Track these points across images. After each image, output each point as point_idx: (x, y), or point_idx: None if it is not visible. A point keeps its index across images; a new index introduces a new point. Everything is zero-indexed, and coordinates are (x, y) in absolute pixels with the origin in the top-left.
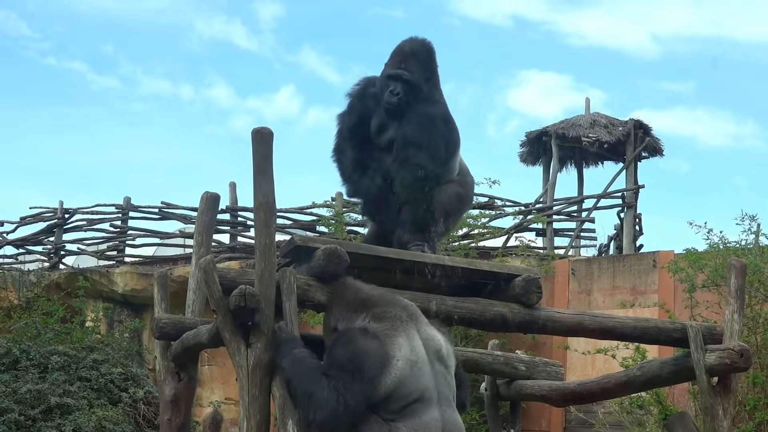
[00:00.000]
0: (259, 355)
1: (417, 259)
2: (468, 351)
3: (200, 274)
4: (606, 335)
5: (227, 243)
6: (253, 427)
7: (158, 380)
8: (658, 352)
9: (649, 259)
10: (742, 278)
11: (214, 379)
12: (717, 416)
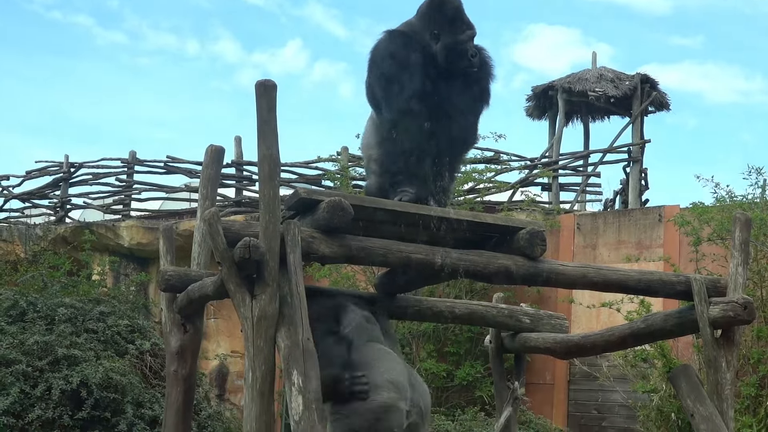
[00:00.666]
0: (264, 306)
1: (422, 212)
2: (473, 304)
3: (205, 227)
4: (610, 288)
5: (232, 197)
6: (258, 378)
7: (164, 332)
8: (662, 305)
9: (655, 213)
10: (746, 231)
11: (220, 333)
12: (720, 368)
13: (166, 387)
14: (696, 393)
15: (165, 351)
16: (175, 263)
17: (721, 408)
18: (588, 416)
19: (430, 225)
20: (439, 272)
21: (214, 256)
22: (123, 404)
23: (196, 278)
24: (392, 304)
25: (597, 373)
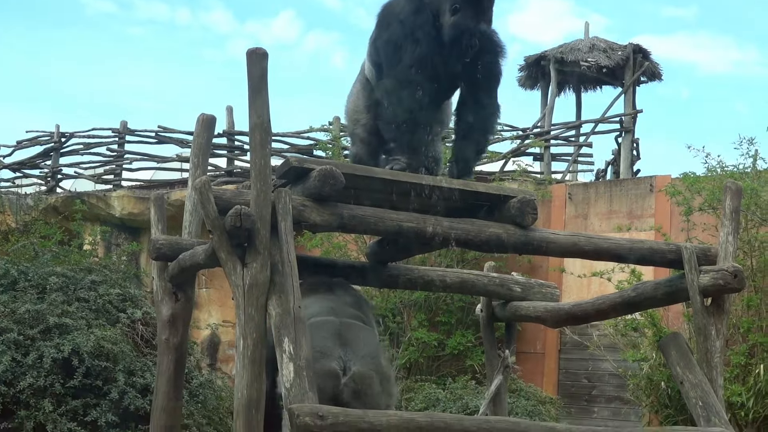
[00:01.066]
0: (255, 274)
1: (413, 180)
2: (464, 273)
3: (196, 195)
4: (601, 256)
5: (224, 167)
6: (250, 346)
7: (155, 301)
8: (653, 275)
9: (646, 183)
10: (737, 200)
11: (212, 302)
12: (710, 336)
13: (158, 355)
14: (686, 361)
15: (156, 319)
16: (167, 233)
17: (711, 376)
18: (578, 385)
19: (422, 193)
20: (431, 240)
21: (205, 224)
22: (114, 372)
23: (187, 247)
24: (384, 273)
25: (587, 342)
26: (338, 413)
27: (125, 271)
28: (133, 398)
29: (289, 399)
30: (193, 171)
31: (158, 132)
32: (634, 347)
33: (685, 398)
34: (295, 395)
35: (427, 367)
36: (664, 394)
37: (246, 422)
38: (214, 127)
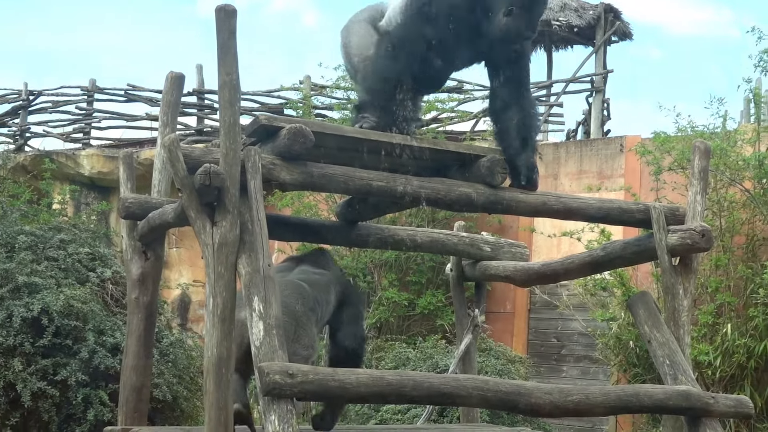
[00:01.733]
0: (225, 233)
1: (383, 139)
2: (434, 232)
3: (165, 153)
4: (570, 216)
5: (194, 126)
6: (219, 305)
7: (125, 260)
8: (623, 235)
9: (617, 143)
10: (705, 160)
11: (182, 262)
12: (678, 295)
13: (128, 314)
14: (653, 319)
15: (126, 279)
16: (136, 191)
17: (678, 334)
18: (548, 344)
19: (393, 152)
20: (401, 200)
21: (174, 183)
22: (84, 332)
23: (157, 205)
24: (354, 233)
25: (557, 301)
26: (308, 371)
27: (95, 231)
28: (103, 357)
29: (259, 357)
30: (162, 129)
31: (127, 90)
32: (603, 307)
33: (653, 357)
34: (264, 353)
35: (397, 327)
36: (633, 354)
37: (216, 380)
38: (183, 85)
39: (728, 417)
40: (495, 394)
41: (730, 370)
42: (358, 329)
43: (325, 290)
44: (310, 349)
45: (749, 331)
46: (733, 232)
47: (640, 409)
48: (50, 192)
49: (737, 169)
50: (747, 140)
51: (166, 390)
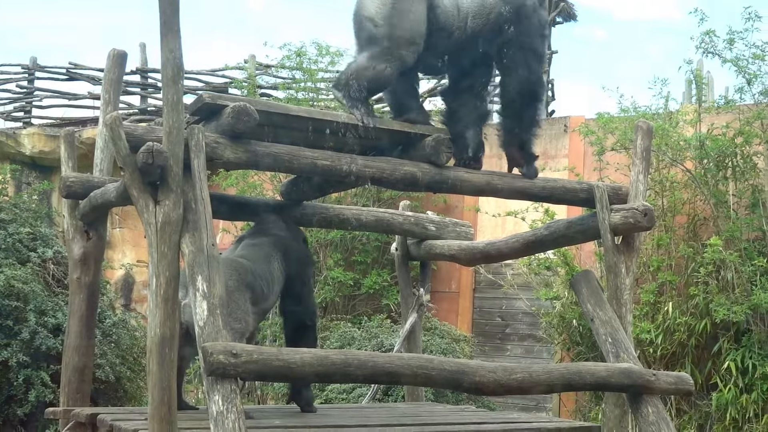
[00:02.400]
0: (168, 212)
1: (329, 118)
2: (379, 212)
3: (107, 131)
4: (514, 195)
5: (137, 105)
6: (163, 284)
7: (67, 239)
8: (567, 214)
9: (561, 123)
10: (648, 140)
11: (126, 242)
12: (620, 274)
13: (70, 294)
14: (596, 298)
15: (68, 258)
16: (78, 171)
17: (620, 312)
18: (492, 323)
19: (338, 131)
20: (346, 178)
21: (117, 162)
22: (25, 312)
23: (99, 184)
24: (298, 212)
25: (501, 281)
26: (252, 351)
27: (36, 210)
28: (44, 338)
29: (203, 337)
30: (105, 107)
31: (69, 68)
32: (547, 286)
33: (596, 335)
34: (208, 333)
35: (342, 307)
36: (576, 332)
37: (159, 360)
38: (125, 63)
39: (669, 394)
40: (439, 373)
41: (671, 348)
42: (303, 299)
43: (266, 261)
44: (243, 322)
45: (690, 310)
46: (674, 212)
47: (582, 386)
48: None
49: (679, 149)
50: (688, 121)
51: (108, 370)
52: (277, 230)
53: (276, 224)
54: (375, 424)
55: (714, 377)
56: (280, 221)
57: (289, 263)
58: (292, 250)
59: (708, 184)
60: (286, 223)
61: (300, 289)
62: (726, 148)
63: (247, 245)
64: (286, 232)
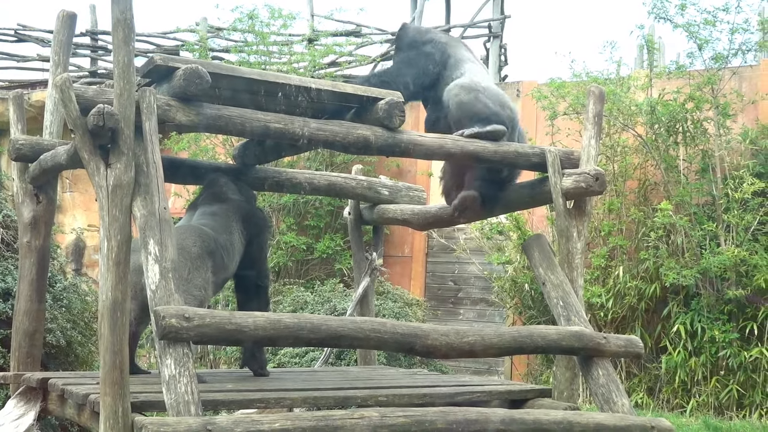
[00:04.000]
0: (119, 175)
1: (281, 81)
2: (332, 176)
3: (57, 93)
4: (467, 158)
5: (87, 68)
6: (114, 248)
7: (16, 203)
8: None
9: (513, 88)
10: (600, 104)
11: (76, 206)
12: (571, 238)
13: (19, 258)
14: (548, 262)
15: (17, 222)
16: (28, 134)
17: (572, 276)
18: (445, 287)
19: (290, 95)
20: (298, 142)
21: (67, 124)
22: None
23: (49, 147)
24: (250, 175)
25: (454, 245)
26: (204, 314)
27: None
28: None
29: (155, 301)
30: (54, 69)
31: (17, 30)
32: (499, 250)
33: (547, 298)
34: (160, 297)
35: (295, 271)
36: (528, 296)
37: (111, 324)
38: (75, 24)
39: (619, 357)
40: (392, 336)
41: (622, 312)
42: (258, 264)
43: (227, 231)
44: (203, 290)
45: (640, 274)
46: (625, 177)
47: (534, 349)
48: None
49: (630, 114)
50: (640, 86)
51: (59, 335)
52: (232, 194)
53: (229, 187)
54: (328, 387)
55: (663, 340)
56: (232, 184)
57: (248, 230)
58: (251, 216)
59: (659, 149)
60: (237, 186)
61: (257, 254)
62: (677, 114)
63: (205, 213)
64: (241, 197)
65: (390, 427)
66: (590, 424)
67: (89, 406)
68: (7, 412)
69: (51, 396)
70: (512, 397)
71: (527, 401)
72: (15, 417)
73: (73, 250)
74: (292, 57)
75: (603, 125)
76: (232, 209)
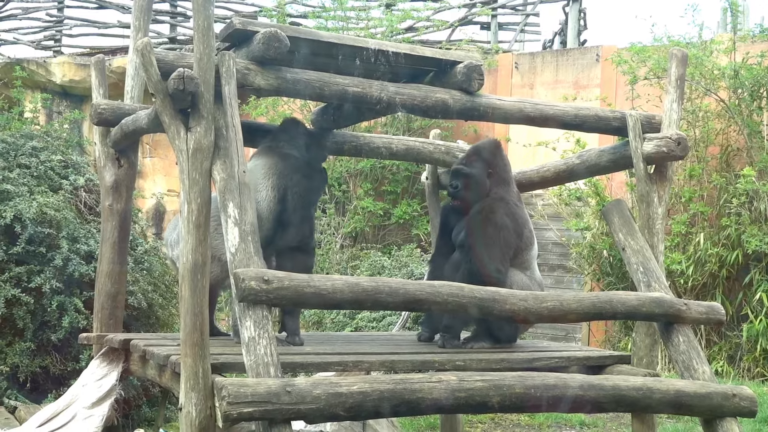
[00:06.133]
0: (199, 138)
1: (358, 44)
2: (410, 140)
3: (138, 58)
4: (546, 123)
5: (167, 34)
6: (194, 210)
7: (98, 167)
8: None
9: (593, 53)
10: (682, 67)
11: (156, 171)
12: (652, 203)
13: (101, 222)
14: (628, 227)
15: (100, 186)
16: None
17: (652, 242)
18: None
19: (368, 58)
20: (376, 106)
21: (147, 89)
22: (58, 239)
23: (130, 112)
24: (329, 140)
25: (532, 211)
26: (283, 277)
27: (68, 139)
28: (77, 265)
29: (234, 264)
30: (135, 34)
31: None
32: (578, 216)
33: (627, 264)
34: (240, 260)
35: (372, 236)
36: (606, 263)
37: (191, 286)
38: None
39: (700, 323)
40: (470, 301)
41: (702, 279)
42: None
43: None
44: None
45: (722, 241)
46: (707, 142)
47: (613, 315)
48: (22, 100)
49: (713, 78)
50: (723, 50)
51: (141, 297)
52: (287, 149)
53: (287, 142)
54: (405, 351)
55: (745, 308)
56: (298, 140)
57: (283, 183)
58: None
59: (742, 114)
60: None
61: (291, 209)
62: (761, 78)
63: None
64: (297, 153)
65: (468, 391)
66: (670, 391)
67: (170, 367)
68: (90, 372)
69: (133, 357)
70: (590, 363)
71: (606, 367)
72: (98, 377)
73: (154, 214)
74: (370, 22)
75: (685, 90)
76: (270, 164)
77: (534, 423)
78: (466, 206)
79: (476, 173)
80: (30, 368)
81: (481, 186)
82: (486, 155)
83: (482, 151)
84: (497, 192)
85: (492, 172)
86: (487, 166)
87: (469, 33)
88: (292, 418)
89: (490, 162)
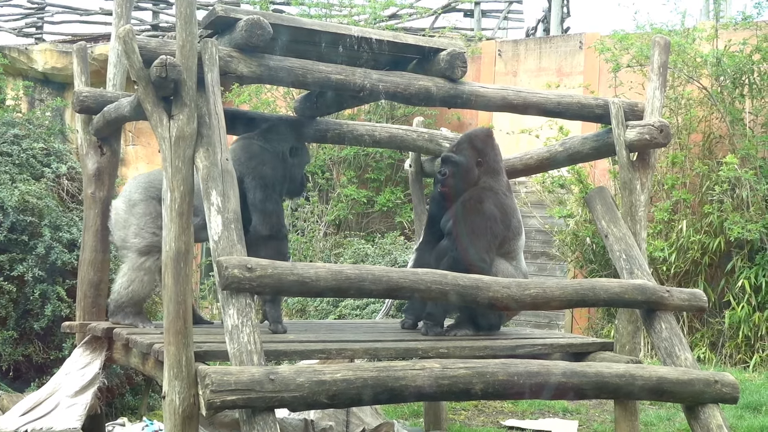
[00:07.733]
0: (182, 126)
1: (341, 31)
2: (393, 128)
3: (120, 45)
4: (529, 110)
5: (149, 21)
6: (177, 199)
7: (80, 155)
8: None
9: (576, 40)
10: (665, 55)
11: (139, 159)
12: (635, 191)
13: (84, 209)
14: (611, 214)
15: (82, 174)
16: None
17: (635, 229)
18: None
19: (351, 46)
20: (359, 93)
21: (130, 77)
22: (40, 227)
23: (112, 99)
24: (312, 128)
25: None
26: (266, 265)
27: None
28: (59, 253)
29: (217, 251)
30: (117, 21)
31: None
32: (561, 204)
33: (609, 251)
34: (223, 248)
35: (356, 224)
36: (589, 250)
37: (174, 274)
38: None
39: (682, 310)
40: (453, 288)
41: (685, 266)
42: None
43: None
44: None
45: (704, 228)
46: (690, 130)
47: (595, 302)
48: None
49: (695, 66)
50: (705, 37)
51: None
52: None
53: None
54: (389, 339)
55: (727, 295)
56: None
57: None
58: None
59: (724, 101)
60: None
61: (250, 197)
62: (743, 65)
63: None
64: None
65: (451, 379)
66: (652, 377)
67: (153, 355)
68: (73, 361)
69: (116, 345)
70: (573, 350)
71: (589, 354)
72: (81, 365)
73: None
74: (353, 9)
75: (667, 77)
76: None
77: (517, 410)
78: (454, 194)
79: (465, 161)
80: (13, 357)
81: (470, 174)
82: (477, 144)
83: (473, 139)
84: (486, 181)
85: (482, 161)
86: (477, 155)
87: (453, 20)
88: (276, 405)
89: (481, 151)
